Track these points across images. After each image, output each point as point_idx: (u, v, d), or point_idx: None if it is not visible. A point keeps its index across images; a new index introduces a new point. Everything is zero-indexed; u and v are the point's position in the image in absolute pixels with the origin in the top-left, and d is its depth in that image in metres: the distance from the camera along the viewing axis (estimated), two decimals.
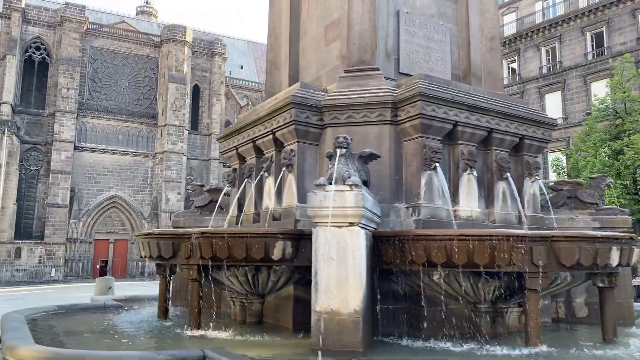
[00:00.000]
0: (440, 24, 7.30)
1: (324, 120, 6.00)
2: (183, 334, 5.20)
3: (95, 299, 8.52)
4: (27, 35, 56.13)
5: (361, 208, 4.48)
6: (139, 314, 7.06)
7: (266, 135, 6.47)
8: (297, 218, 5.82)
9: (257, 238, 5.02)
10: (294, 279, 5.55)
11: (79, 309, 7.09)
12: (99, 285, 11.30)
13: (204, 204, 8.29)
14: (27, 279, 50.87)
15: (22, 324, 5.10)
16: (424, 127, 5.61)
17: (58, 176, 53.60)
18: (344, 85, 6.14)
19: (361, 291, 4.44)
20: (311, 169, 6.06)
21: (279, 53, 8.25)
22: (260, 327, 5.69)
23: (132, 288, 29.34)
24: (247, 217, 6.96)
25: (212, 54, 65.59)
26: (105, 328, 5.69)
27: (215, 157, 63.82)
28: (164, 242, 5.55)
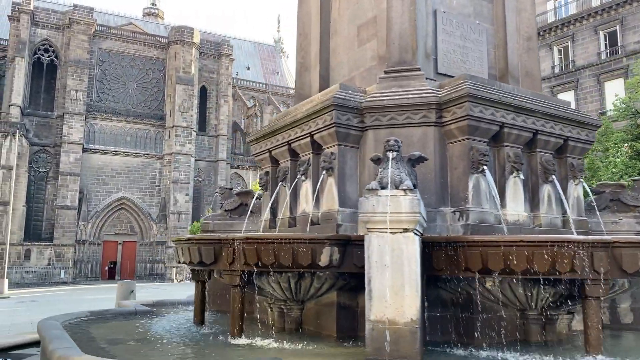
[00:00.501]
0: (477, 24, 7.14)
1: (365, 122, 5.86)
2: (228, 342, 5.07)
3: (123, 304, 8.41)
4: (36, 38, 56.36)
5: (417, 214, 4.34)
6: (172, 319, 6.95)
7: (303, 137, 6.34)
8: (339, 223, 5.68)
9: (304, 244, 4.89)
10: (337, 285, 5.41)
11: (111, 315, 6.98)
12: (120, 289, 11.20)
13: (233, 208, 8.17)
14: (36, 281, 51.03)
15: (63, 332, 4.99)
16: (471, 128, 5.46)
17: (67, 178, 53.78)
18: (385, 86, 6.00)
19: (417, 300, 4.30)
20: (352, 173, 5.92)
21: (308, 53, 8.11)
22: (302, 335, 5.56)
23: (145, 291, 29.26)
24: (282, 222, 6.82)
25: (220, 55, 65.65)
26: (145, 335, 5.57)
27: (223, 158, 63.89)
28: (205, 248, 5.42)
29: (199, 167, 62.55)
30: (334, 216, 5.76)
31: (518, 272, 4.38)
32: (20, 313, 16.20)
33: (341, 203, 5.78)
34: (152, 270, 57.28)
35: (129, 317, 6.94)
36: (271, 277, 5.39)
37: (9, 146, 49.82)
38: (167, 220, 57.42)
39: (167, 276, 54.60)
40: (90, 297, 27.02)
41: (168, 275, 54.69)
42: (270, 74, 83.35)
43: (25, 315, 15.18)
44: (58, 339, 4.48)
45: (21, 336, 9.32)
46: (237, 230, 7.93)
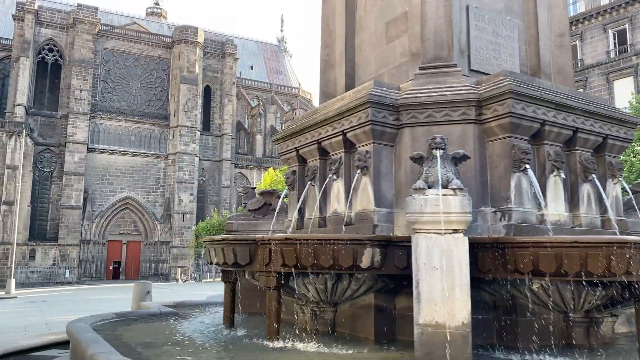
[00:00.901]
0: (508, 20, 7.00)
1: (401, 120, 5.72)
2: (265, 345, 4.94)
3: (145, 305, 8.28)
4: (40, 37, 56.32)
5: (467, 214, 4.21)
6: (200, 321, 6.82)
7: (335, 136, 6.20)
8: (376, 223, 5.55)
9: (345, 245, 4.75)
10: (375, 287, 5.27)
11: (137, 317, 6.85)
12: (136, 289, 11.07)
13: (257, 207, 8.03)
14: (41, 281, 50.98)
15: (96, 335, 4.87)
16: (513, 126, 5.32)
17: (71, 178, 53.72)
18: (420, 82, 5.86)
19: (468, 303, 4.17)
20: (387, 172, 5.78)
21: (333, 50, 7.97)
22: (337, 338, 5.42)
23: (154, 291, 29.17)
24: (311, 222, 6.69)
25: (224, 54, 65.55)
26: (178, 339, 5.44)
27: (227, 157, 63.79)
28: (240, 249, 5.29)
29: (203, 166, 62.46)
30: (370, 216, 5.62)
31: (571, 273, 4.24)
32: (32, 313, 16.09)
33: (377, 203, 5.64)
34: (157, 270, 57.20)
35: (155, 319, 6.81)
36: (307, 278, 5.26)
37: (14, 146, 49.79)
38: (172, 220, 57.35)
39: (172, 276, 54.53)
40: (98, 297, 26.93)
41: (172, 275, 54.62)
42: (274, 73, 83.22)
43: (37, 316, 15.07)
44: (95, 343, 4.35)
45: (40, 337, 9.20)
46: (262, 230, 7.80)
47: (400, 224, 5.59)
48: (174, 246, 56.80)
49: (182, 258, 56.49)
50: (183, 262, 56.13)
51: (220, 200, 62.78)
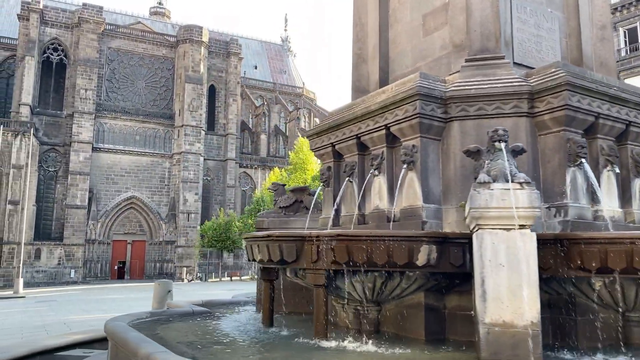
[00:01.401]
0: (549, 12, 6.83)
1: (449, 113, 5.56)
2: (315, 345, 4.77)
3: (175, 304, 8.12)
4: (45, 37, 56.24)
5: (536, 209, 4.04)
6: (236, 320, 6.66)
7: (376, 130, 6.03)
8: (424, 220, 5.38)
9: (401, 241, 4.58)
10: (427, 285, 5.11)
11: (170, 316, 6.69)
12: (157, 289, 10.92)
13: (288, 204, 7.88)
14: (46, 280, 50.90)
15: (141, 335, 4.71)
16: (568, 119, 5.15)
17: (77, 177, 53.65)
18: (468, 75, 5.69)
19: (537, 301, 4.00)
20: (434, 166, 5.61)
21: (365, 44, 7.81)
22: (385, 337, 5.25)
23: None
24: (349, 218, 6.52)
25: (228, 54, 65.43)
26: (220, 338, 5.29)
27: (232, 157, 63.65)
28: (287, 245, 5.13)
29: (207, 166, 62.34)
30: (417, 213, 5.45)
31: None
32: (47, 313, 15.95)
33: (425, 199, 5.47)
34: (162, 269, 57.08)
35: (189, 318, 6.65)
36: (356, 276, 5.09)
37: (19, 145, 49.71)
38: (177, 219, 57.24)
39: (177, 276, 54.38)
40: (108, 297, 26.78)
41: (178, 275, 54.48)
42: (278, 73, 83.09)
43: (52, 315, 14.93)
44: (146, 342, 4.19)
45: (64, 337, 9.06)
46: (293, 227, 7.64)
47: (450, 221, 5.43)
48: (179, 246, 56.68)
49: (187, 258, 56.37)
50: (188, 262, 56.00)
51: (225, 199, 62.65)
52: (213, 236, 48.33)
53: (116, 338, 4.92)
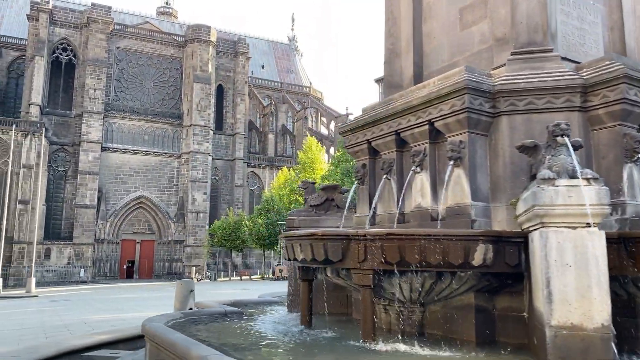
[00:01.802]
0: (592, 4, 6.63)
1: (498, 108, 5.37)
2: (366, 348, 4.61)
3: (206, 304, 7.98)
4: (54, 37, 56.40)
5: (605, 206, 3.86)
6: (272, 321, 6.51)
7: (419, 126, 5.86)
8: (473, 218, 5.20)
9: (456, 240, 4.41)
10: (478, 286, 4.92)
11: (204, 316, 6.55)
12: (180, 288, 10.79)
13: (318, 203, 7.71)
14: (56, 280, 51.05)
15: (184, 336, 4.56)
16: (624, 113, 4.96)
17: (86, 177, 53.79)
18: (515, 68, 5.51)
19: (608, 303, 3.81)
20: (482, 163, 5.43)
21: (398, 39, 7.63)
22: (435, 340, 5.07)
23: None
24: (387, 217, 6.35)
25: (236, 53, 65.40)
26: (262, 340, 5.13)
27: (240, 157, 63.63)
28: (332, 244, 4.96)
29: (216, 165, 62.34)
30: (466, 211, 5.27)
31: None
32: (64, 312, 15.88)
33: (473, 196, 5.29)
34: (170, 269, 57.15)
35: (222, 319, 6.51)
36: (404, 277, 4.92)
37: (29, 145, 49.86)
38: (185, 219, 57.26)
39: (186, 275, 54.32)
40: (122, 296, 26.74)
41: (187, 274, 54.43)
42: (285, 72, 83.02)
43: (71, 315, 14.85)
44: (196, 345, 4.04)
45: (90, 337, 8.96)
46: (325, 226, 7.47)
47: (499, 219, 5.24)
48: (187, 245, 56.70)
49: (195, 257, 56.37)
50: (197, 261, 55.99)
51: (233, 199, 62.62)
52: (223, 235, 48.30)
53: (159, 339, 4.77)
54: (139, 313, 15.00)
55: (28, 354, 7.13)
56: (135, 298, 23.72)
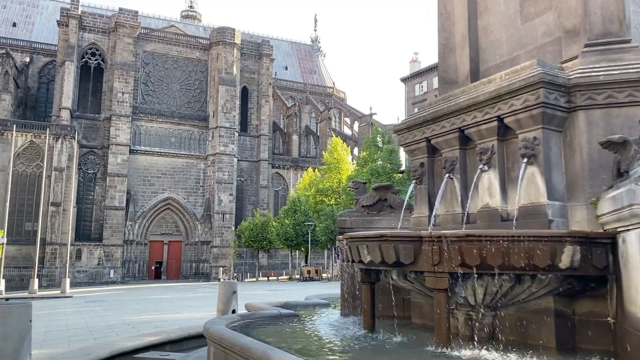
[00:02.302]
0: None
1: (573, 102, 5.11)
2: (447, 354, 4.41)
3: (256, 305, 7.88)
4: (83, 42, 57.55)
5: None
6: (329, 324, 6.36)
7: (486, 122, 5.62)
8: (550, 218, 4.95)
9: (542, 242, 4.18)
10: (558, 290, 4.67)
11: (260, 319, 6.43)
12: (223, 289, 10.73)
13: (371, 203, 7.53)
14: (87, 280, 51.99)
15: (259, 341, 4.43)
16: None
17: (115, 179, 54.68)
18: (590, 61, 5.24)
19: None
20: (557, 160, 5.17)
21: (452, 34, 7.41)
22: (508, 345, 4.84)
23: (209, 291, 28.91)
24: (449, 218, 6.13)
25: (260, 55, 65.69)
26: (327, 344, 4.98)
27: (264, 158, 63.88)
28: (403, 246, 4.78)
29: (241, 167, 62.71)
30: (542, 211, 5.02)
31: None
32: (103, 313, 16.05)
33: (549, 195, 5.04)
34: (198, 269, 57.68)
35: (278, 321, 6.39)
36: (480, 280, 4.71)
37: (60, 148, 50.93)
38: (212, 220, 57.71)
39: (213, 276, 54.80)
40: (156, 297, 26.95)
41: (214, 275, 54.87)
42: (308, 73, 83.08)
43: (111, 316, 14.97)
44: (273, 350, 3.91)
45: (139, 339, 8.96)
46: (378, 227, 7.29)
47: (578, 219, 4.98)
48: (214, 246, 57.13)
49: (222, 258, 56.76)
50: (223, 262, 56.36)
51: (259, 200, 62.88)
52: (250, 236, 48.50)
53: (228, 343, 4.65)
54: (177, 315, 15.08)
55: (83, 356, 7.15)
56: (168, 299, 23.91)
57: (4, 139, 49.83)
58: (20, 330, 5.83)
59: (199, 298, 24.17)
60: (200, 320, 12.80)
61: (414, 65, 49.32)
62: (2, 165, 49.14)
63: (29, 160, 51.12)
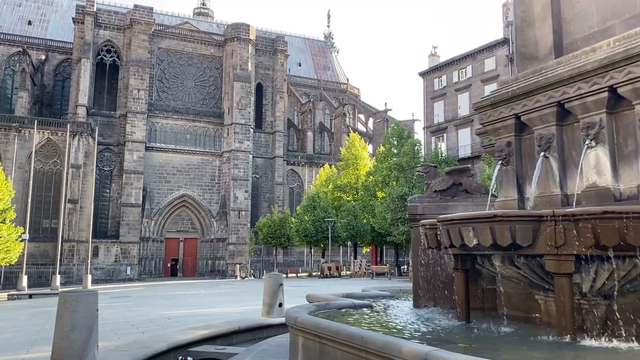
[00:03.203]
0: None
1: None
2: (577, 344, 3.96)
3: (317, 296, 7.47)
4: (99, 39, 57.48)
5: None
6: (415, 314, 5.92)
7: (594, 93, 5.15)
8: None
9: None
10: None
11: (336, 308, 6.02)
12: (269, 282, 10.36)
13: (444, 188, 7.07)
14: (104, 277, 51.95)
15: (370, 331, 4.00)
16: None
17: (131, 176, 54.60)
18: None
19: None
20: None
21: (530, 6, 6.91)
22: (631, 336, 4.36)
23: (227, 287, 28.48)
24: (546, 200, 5.66)
25: (275, 51, 65.29)
26: (437, 335, 4.53)
27: (279, 155, 63.53)
28: (521, 227, 4.33)
29: (256, 164, 62.40)
30: None
31: None
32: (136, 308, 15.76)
33: None
34: (213, 267, 57.50)
35: (355, 312, 5.98)
36: (604, 264, 4.25)
37: (77, 145, 50.93)
38: (228, 217, 57.47)
39: (229, 273, 54.59)
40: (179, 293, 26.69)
41: (230, 272, 54.67)
42: (321, 69, 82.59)
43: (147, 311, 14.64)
44: (398, 340, 3.47)
45: (191, 332, 8.60)
46: (454, 213, 6.83)
47: None
48: (230, 243, 56.91)
49: (238, 255, 56.53)
50: (239, 259, 56.11)
51: (274, 197, 62.58)
52: (268, 233, 48.18)
53: (329, 332, 4.22)
54: (212, 309, 14.73)
55: (141, 349, 6.78)
56: (194, 295, 23.60)
57: (21, 136, 49.96)
58: (89, 319, 5.46)
59: (224, 294, 23.85)
60: (239, 314, 12.43)
61: (432, 59, 48.59)
62: (20, 163, 49.26)
63: (46, 157, 51.17)
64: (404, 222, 33.37)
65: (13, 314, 16.50)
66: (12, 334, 10.78)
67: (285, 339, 6.28)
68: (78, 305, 5.41)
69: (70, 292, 5.58)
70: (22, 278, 31.35)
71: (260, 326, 9.92)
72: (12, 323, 12.79)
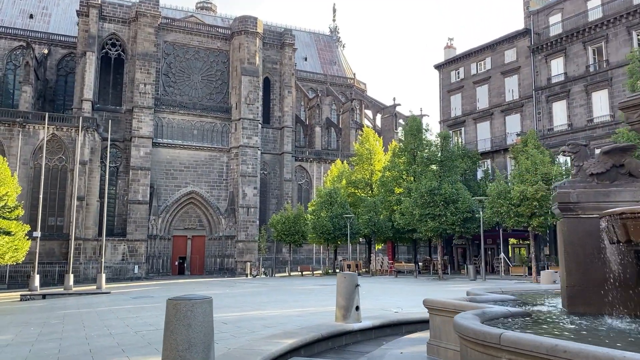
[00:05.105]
0: None
1: None
2: None
3: (450, 303, 6.26)
4: (103, 32, 56.05)
5: None
6: (599, 322, 4.75)
7: None
8: None
9: None
10: None
11: (496, 318, 4.82)
12: (343, 282, 9.21)
13: (602, 171, 5.88)
14: (112, 276, 50.58)
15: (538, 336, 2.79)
16: None
17: (138, 172, 53.27)
18: None
19: None
20: None
21: None
22: None
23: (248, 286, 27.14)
24: None
25: (282, 45, 64.00)
26: None
27: (288, 150, 62.28)
28: None
29: (264, 160, 61.13)
30: None
31: None
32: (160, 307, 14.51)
33: None
34: (222, 265, 56.24)
35: (516, 322, 4.79)
36: None
37: (83, 141, 49.53)
38: (236, 214, 56.21)
39: (238, 271, 53.37)
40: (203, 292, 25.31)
41: (239, 270, 53.45)
42: (328, 64, 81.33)
43: None
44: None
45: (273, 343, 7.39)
46: (618, 202, 5.64)
47: None
48: (239, 240, 55.68)
49: (247, 252, 55.30)
50: (248, 257, 54.87)
51: (282, 193, 61.35)
52: (282, 229, 46.91)
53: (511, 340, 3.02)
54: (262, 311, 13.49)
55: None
56: (222, 294, 22.30)
57: (25, 132, 48.56)
58: (206, 335, 4.25)
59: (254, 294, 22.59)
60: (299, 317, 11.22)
61: (448, 51, 47.31)
62: (24, 159, 47.84)
63: (51, 153, 49.70)
64: (434, 218, 32.13)
65: (38, 316, 15.23)
66: (55, 342, 9.50)
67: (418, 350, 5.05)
68: (194, 317, 4.20)
69: (181, 298, 4.36)
70: (35, 277, 30.07)
71: (341, 333, 8.77)
72: (48, 329, 11.53)
